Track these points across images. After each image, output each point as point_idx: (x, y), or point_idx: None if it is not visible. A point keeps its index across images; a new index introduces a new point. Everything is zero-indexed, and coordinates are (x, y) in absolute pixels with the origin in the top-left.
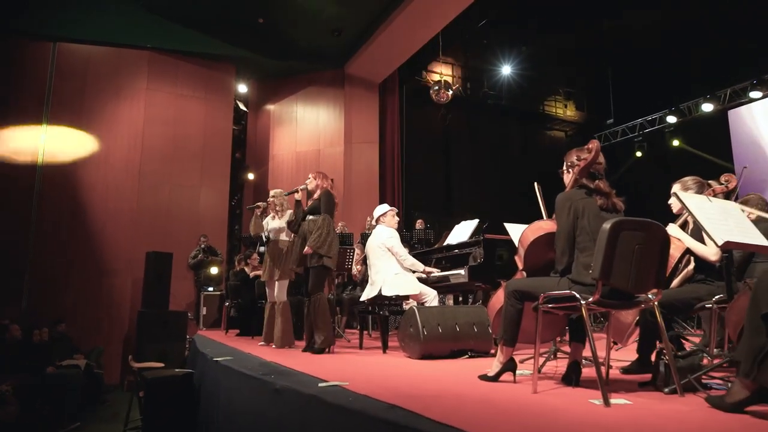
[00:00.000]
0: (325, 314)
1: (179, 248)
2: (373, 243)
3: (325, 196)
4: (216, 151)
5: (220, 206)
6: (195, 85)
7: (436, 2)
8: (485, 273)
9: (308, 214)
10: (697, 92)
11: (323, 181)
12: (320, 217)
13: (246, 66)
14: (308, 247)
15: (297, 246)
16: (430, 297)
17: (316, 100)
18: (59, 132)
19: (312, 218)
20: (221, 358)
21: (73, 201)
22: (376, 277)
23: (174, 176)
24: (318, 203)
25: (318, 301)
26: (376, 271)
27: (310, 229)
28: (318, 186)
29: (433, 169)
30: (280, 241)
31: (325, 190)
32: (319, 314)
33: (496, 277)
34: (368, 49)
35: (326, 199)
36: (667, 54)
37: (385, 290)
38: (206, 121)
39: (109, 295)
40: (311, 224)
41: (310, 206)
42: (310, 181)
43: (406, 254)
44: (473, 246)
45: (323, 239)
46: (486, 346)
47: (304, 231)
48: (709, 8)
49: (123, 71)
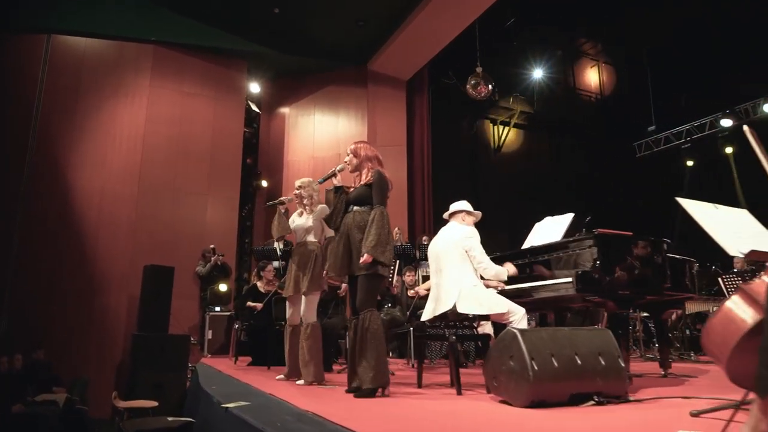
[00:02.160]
0: (380, 340)
1: (182, 263)
2: (445, 244)
3: (377, 179)
4: (225, 156)
5: (228, 216)
6: (203, 82)
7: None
8: (602, 283)
9: (354, 204)
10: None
11: (370, 156)
12: (374, 209)
13: (259, 63)
14: (366, 255)
15: (338, 247)
16: (517, 317)
17: (336, 101)
18: (50, 132)
19: (359, 209)
20: (233, 405)
21: (63, 207)
22: (448, 289)
23: (178, 182)
24: (366, 189)
25: (370, 320)
26: (447, 280)
27: (357, 224)
28: (364, 165)
29: (460, 176)
30: (309, 243)
31: (376, 171)
32: (371, 339)
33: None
34: (395, 43)
35: (379, 184)
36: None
37: (461, 306)
38: (215, 123)
39: (101, 315)
40: (358, 217)
41: (355, 193)
42: (350, 158)
43: (488, 261)
44: (582, 245)
45: (379, 239)
46: (618, 387)
47: (349, 227)
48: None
49: (124, 67)
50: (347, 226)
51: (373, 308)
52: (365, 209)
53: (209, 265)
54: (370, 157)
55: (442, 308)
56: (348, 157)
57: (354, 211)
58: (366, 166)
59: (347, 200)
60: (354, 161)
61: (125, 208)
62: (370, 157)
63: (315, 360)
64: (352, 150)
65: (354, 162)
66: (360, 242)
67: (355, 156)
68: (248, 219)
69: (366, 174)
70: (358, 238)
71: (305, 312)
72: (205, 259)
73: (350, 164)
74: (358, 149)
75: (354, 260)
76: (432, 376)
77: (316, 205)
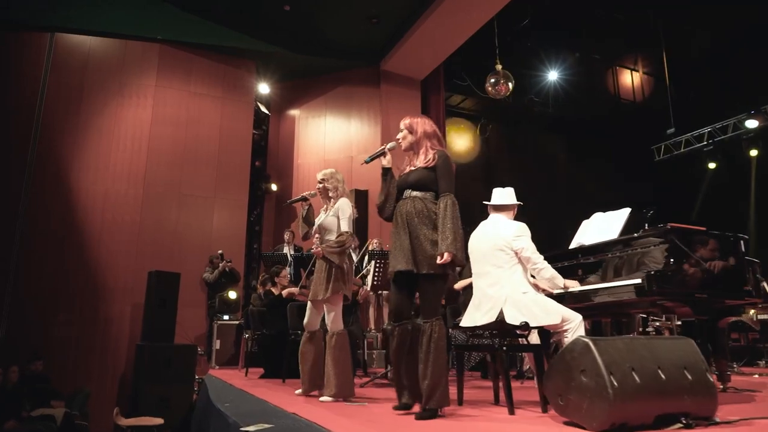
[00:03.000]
0: (445, 355)
1: (188, 269)
2: (490, 243)
3: (443, 162)
4: (233, 159)
5: (236, 221)
6: (210, 82)
7: None
8: (678, 284)
9: (412, 189)
10: None
11: (429, 132)
12: (442, 197)
13: (268, 63)
14: (447, 254)
15: (400, 239)
16: (574, 324)
17: (347, 102)
18: (53, 133)
19: (419, 195)
20: (254, 429)
21: (65, 210)
22: (494, 295)
23: (184, 185)
24: (428, 173)
25: (438, 331)
26: (492, 285)
27: (419, 213)
28: (422, 143)
29: (474, 177)
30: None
31: (441, 152)
32: (438, 354)
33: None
34: (409, 41)
35: (447, 167)
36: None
37: (510, 315)
38: (223, 124)
39: (103, 324)
40: (419, 204)
41: (416, 175)
42: (404, 134)
43: (544, 261)
44: (650, 242)
45: (456, 235)
46: (707, 406)
47: (408, 216)
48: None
49: (129, 66)
50: (406, 215)
51: (440, 316)
52: (428, 196)
53: (217, 271)
54: (429, 134)
55: (486, 317)
56: (401, 133)
57: (412, 197)
58: (424, 145)
59: (402, 184)
60: (409, 138)
61: (129, 212)
62: (429, 134)
63: (343, 373)
64: (407, 125)
65: (409, 139)
66: (424, 235)
67: (411, 132)
68: (257, 223)
69: (425, 154)
70: (421, 229)
71: (329, 319)
72: (213, 265)
73: (404, 141)
74: (414, 124)
75: (418, 256)
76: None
77: (340, 197)
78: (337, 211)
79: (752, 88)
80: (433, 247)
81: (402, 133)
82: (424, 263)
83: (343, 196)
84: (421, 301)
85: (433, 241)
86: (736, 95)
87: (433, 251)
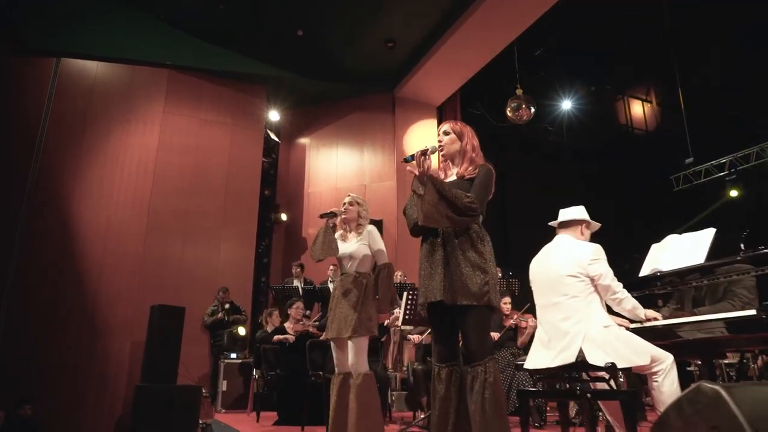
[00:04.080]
0: (502, 403)
1: (193, 303)
2: (559, 269)
3: (486, 175)
4: (242, 187)
5: (244, 252)
6: (220, 109)
7: (510, 6)
8: None
9: None
10: None
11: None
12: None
13: (279, 89)
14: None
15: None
16: (665, 366)
17: (360, 129)
18: (54, 159)
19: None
20: None
21: (64, 240)
22: (570, 330)
23: (191, 215)
24: (469, 184)
25: (493, 374)
26: (566, 318)
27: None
28: (467, 152)
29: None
30: (356, 275)
31: (485, 166)
32: (497, 401)
33: None
34: (425, 66)
35: (487, 178)
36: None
37: (591, 354)
38: (231, 152)
39: (101, 362)
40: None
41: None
42: (450, 138)
43: (623, 290)
44: (753, 267)
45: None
46: None
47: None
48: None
49: (136, 91)
50: (441, 234)
51: (493, 355)
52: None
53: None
54: (476, 147)
55: (561, 357)
56: (447, 137)
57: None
58: (469, 155)
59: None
60: (456, 145)
61: (132, 243)
62: (476, 147)
63: (372, 420)
64: (456, 130)
65: (456, 146)
66: (463, 258)
67: (459, 138)
68: (265, 255)
69: (469, 163)
70: (459, 251)
71: (354, 360)
72: (220, 300)
73: (448, 146)
74: (464, 131)
75: (455, 284)
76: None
77: (364, 226)
78: (367, 238)
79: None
80: (475, 273)
81: (448, 137)
82: (462, 293)
83: (367, 223)
84: (465, 340)
85: (477, 266)
86: (757, 123)
87: (477, 278)
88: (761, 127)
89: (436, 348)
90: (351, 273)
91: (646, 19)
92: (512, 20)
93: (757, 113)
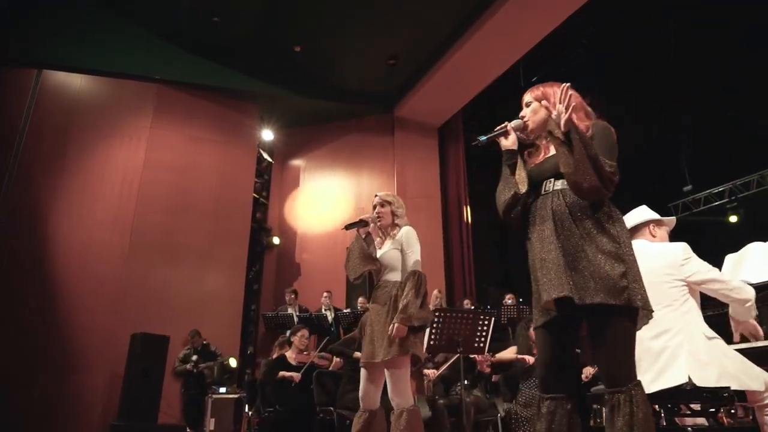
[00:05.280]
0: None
1: (178, 333)
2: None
3: (601, 130)
4: (232, 209)
5: (234, 278)
6: (211, 126)
7: (514, 27)
8: None
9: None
10: None
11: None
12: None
13: (274, 107)
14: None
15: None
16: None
17: (358, 150)
18: (32, 175)
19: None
20: None
21: (38, 261)
22: (665, 346)
23: (177, 237)
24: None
25: (639, 402)
26: (661, 333)
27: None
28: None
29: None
30: (385, 284)
31: (597, 123)
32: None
33: None
34: (426, 86)
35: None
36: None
37: (698, 374)
38: (222, 171)
39: (74, 398)
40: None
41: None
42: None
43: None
44: None
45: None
46: None
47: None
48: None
49: (122, 106)
50: (553, 215)
51: (639, 381)
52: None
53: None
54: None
55: (662, 381)
56: (529, 108)
57: (558, 191)
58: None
59: (535, 175)
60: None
61: (113, 265)
62: (575, 106)
63: None
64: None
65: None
66: (591, 243)
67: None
68: (255, 281)
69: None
70: (588, 237)
71: (394, 390)
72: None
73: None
74: (549, 93)
75: (583, 276)
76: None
77: (403, 226)
78: (400, 243)
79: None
80: (611, 264)
81: (531, 107)
82: (596, 288)
83: (405, 224)
84: (598, 356)
85: (610, 254)
86: (756, 150)
87: (612, 270)
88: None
89: (542, 371)
90: (383, 282)
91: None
92: (518, 39)
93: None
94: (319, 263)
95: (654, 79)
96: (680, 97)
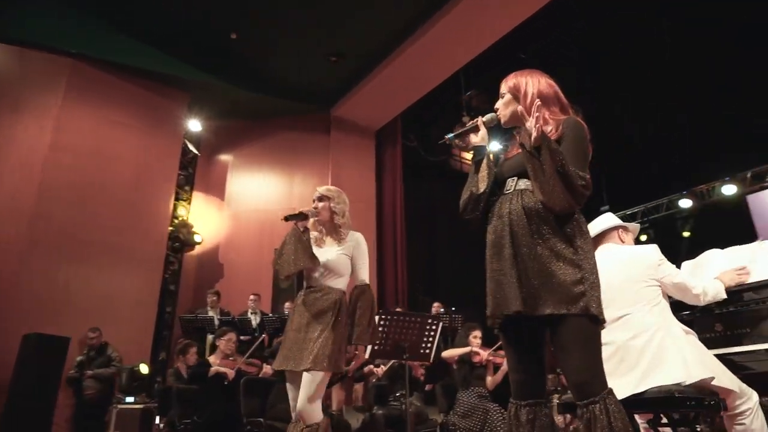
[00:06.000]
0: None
1: (80, 335)
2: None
3: (571, 129)
4: (151, 202)
5: (149, 277)
6: (132, 110)
7: (461, 33)
8: None
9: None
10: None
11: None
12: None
13: (203, 96)
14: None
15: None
16: (753, 404)
17: (291, 148)
18: None
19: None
20: None
21: None
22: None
23: (85, 230)
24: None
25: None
26: (640, 332)
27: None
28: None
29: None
30: (330, 291)
31: (569, 119)
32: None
33: None
34: (367, 87)
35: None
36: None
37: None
38: (142, 160)
39: None
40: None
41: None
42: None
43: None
44: None
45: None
46: None
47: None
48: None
49: (29, 79)
50: (509, 219)
51: (611, 390)
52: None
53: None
54: (547, 97)
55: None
56: (502, 100)
57: (520, 190)
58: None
59: (500, 173)
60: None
61: (6, 258)
62: (548, 98)
63: None
64: (511, 87)
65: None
66: (547, 250)
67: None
68: (172, 282)
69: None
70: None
71: (304, 399)
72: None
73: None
74: (521, 84)
75: (536, 286)
76: None
77: (347, 229)
78: (352, 248)
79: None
80: (567, 270)
81: (503, 100)
82: (546, 298)
83: (350, 227)
84: (563, 365)
85: (567, 260)
86: (669, 175)
87: (566, 276)
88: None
89: (514, 377)
90: (323, 287)
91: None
92: (464, 44)
93: (671, 164)
94: (245, 264)
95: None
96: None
